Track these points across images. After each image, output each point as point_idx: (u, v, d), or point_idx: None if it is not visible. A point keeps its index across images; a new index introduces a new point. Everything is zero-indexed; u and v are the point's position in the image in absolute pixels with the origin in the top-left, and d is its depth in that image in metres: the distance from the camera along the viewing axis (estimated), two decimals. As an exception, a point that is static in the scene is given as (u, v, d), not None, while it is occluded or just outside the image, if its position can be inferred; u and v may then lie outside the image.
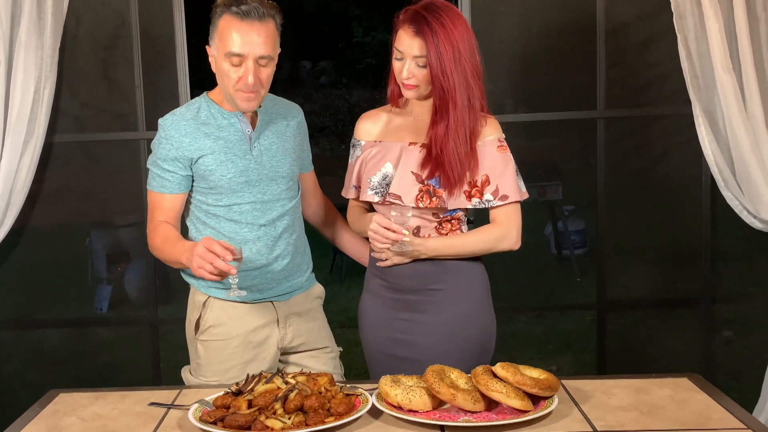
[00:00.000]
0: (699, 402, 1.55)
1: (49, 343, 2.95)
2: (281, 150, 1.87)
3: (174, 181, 1.82)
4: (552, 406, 1.48)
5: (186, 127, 1.80)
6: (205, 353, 1.88)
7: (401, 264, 1.83)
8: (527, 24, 2.82)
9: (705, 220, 2.80)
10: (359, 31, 10.84)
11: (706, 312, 2.86)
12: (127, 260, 3.14)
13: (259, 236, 1.84)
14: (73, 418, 1.58)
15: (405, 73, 1.76)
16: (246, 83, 1.73)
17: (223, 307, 1.87)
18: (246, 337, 1.86)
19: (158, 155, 1.82)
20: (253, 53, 1.72)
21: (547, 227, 3.54)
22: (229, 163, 1.80)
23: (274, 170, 1.85)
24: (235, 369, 1.85)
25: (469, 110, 1.77)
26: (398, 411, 1.48)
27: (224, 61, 1.74)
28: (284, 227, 1.88)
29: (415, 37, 1.72)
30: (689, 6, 2.55)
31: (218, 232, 1.84)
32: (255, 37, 1.71)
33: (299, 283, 1.93)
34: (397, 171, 1.82)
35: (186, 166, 1.81)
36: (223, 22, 1.73)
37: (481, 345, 1.88)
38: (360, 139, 1.93)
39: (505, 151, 1.85)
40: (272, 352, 1.89)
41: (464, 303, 1.86)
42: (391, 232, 1.71)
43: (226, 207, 1.82)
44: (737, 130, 2.52)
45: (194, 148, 1.79)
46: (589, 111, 2.80)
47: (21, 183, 2.61)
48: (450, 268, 1.85)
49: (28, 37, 2.53)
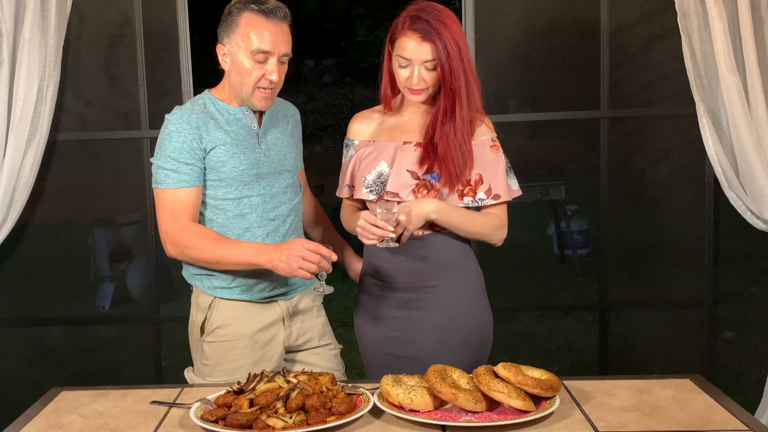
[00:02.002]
0: (701, 403, 1.55)
1: (51, 341, 2.96)
2: (285, 145, 1.91)
3: (193, 174, 1.78)
4: (553, 407, 1.48)
5: (197, 120, 1.79)
6: (213, 355, 1.86)
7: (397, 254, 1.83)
8: (531, 23, 2.81)
9: (708, 221, 2.79)
10: (362, 29, 10.84)
11: (708, 313, 2.85)
12: (129, 258, 3.14)
13: (268, 231, 1.84)
14: (75, 415, 1.58)
15: (415, 79, 1.78)
16: (270, 80, 1.76)
17: (229, 307, 1.86)
18: (253, 337, 1.86)
19: (170, 150, 1.77)
20: (279, 51, 1.75)
21: (550, 227, 3.53)
22: (241, 155, 1.80)
23: (281, 164, 1.87)
24: (244, 369, 1.85)
25: (469, 107, 1.81)
26: (399, 411, 1.48)
27: (248, 59, 1.75)
28: (291, 222, 1.90)
29: (423, 43, 1.74)
30: (693, 5, 2.54)
31: (225, 229, 1.83)
32: (281, 35, 1.75)
33: (303, 281, 1.93)
34: (393, 169, 1.84)
35: (201, 157, 1.79)
36: (246, 19, 1.74)
37: (479, 339, 1.88)
38: (353, 138, 1.95)
39: (498, 150, 1.88)
40: (278, 351, 1.89)
41: (459, 298, 1.87)
42: (378, 228, 1.73)
43: (236, 200, 1.82)
44: (741, 130, 2.52)
45: (207, 139, 1.79)
46: (593, 111, 2.79)
47: (24, 181, 2.62)
48: (444, 264, 1.86)
49: (32, 36, 2.53)
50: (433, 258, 1.85)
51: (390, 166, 1.85)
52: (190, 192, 1.79)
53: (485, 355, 1.89)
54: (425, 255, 1.85)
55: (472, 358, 1.83)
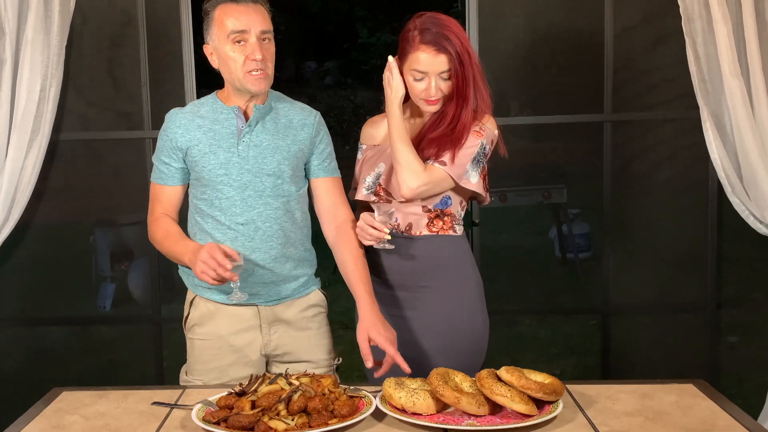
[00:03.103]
0: (704, 408, 1.55)
1: (52, 341, 2.96)
2: (272, 147, 1.81)
3: (169, 174, 1.85)
4: (556, 411, 1.47)
5: (181, 119, 1.83)
6: (192, 352, 1.89)
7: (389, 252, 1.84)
8: (534, 26, 2.81)
9: (711, 225, 2.79)
10: (364, 31, 10.84)
11: (711, 317, 2.84)
12: (130, 258, 3.14)
13: (236, 236, 1.80)
14: (76, 416, 1.58)
15: (433, 91, 1.81)
16: (254, 59, 1.74)
17: (207, 306, 1.86)
18: (227, 339, 1.85)
19: (158, 147, 1.88)
20: (255, 28, 1.75)
21: (552, 230, 3.53)
22: (212, 154, 1.80)
23: (258, 166, 1.80)
24: (216, 371, 1.84)
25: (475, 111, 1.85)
26: (402, 414, 1.47)
27: (227, 45, 1.76)
28: (266, 230, 1.81)
29: (438, 54, 1.78)
30: (697, 9, 2.53)
31: (203, 229, 1.83)
32: (254, 14, 1.76)
33: (289, 290, 1.87)
34: (387, 167, 1.89)
35: (179, 158, 1.84)
36: (219, 11, 1.77)
37: (471, 344, 1.88)
38: (362, 143, 2.01)
39: (479, 136, 1.85)
40: (254, 357, 1.86)
41: (455, 301, 1.87)
42: (374, 230, 1.76)
43: (209, 201, 1.82)
44: (745, 134, 2.51)
45: (185, 139, 1.82)
46: (597, 114, 2.79)
47: (26, 180, 2.61)
48: (439, 265, 1.87)
49: (35, 35, 2.53)
50: (429, 258, 1.87)
51: (386, 164, 1.90)
52: (166, 190, 1.87)
53: (478, 363, 1.88)
54: (421, 255, 1.87)
55: (463, 363, 1.78)
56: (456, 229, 1.91)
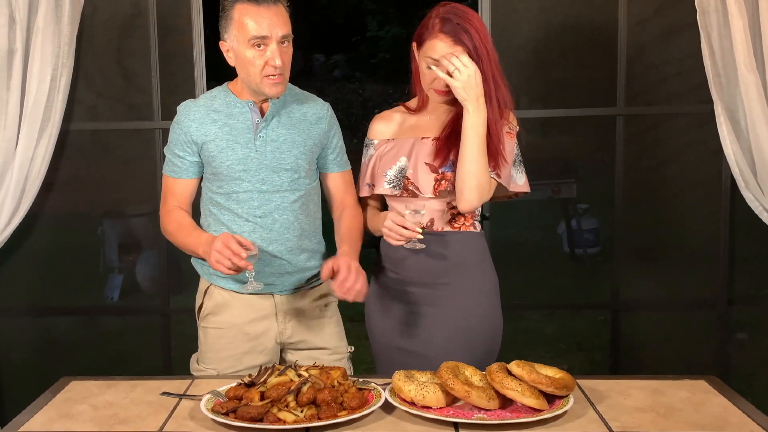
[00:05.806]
0: (716, 405, 1.53)
1: (61, 331, 2.97)
2: (288, 142, 1.84)
3: (182, 167, 1.85)
4: (567, 406, 1.46)
5: (196, 113, 1.82)
6: (205, 340, 1.90)
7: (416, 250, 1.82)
8: (547, 19, 2.79)
9: (723, 221, 2.76)
10: (373, 24, 10.80)
11: (721, 313, 2.82)
12: (138, 250, 3.14)
13: (254, 228, 1.82)
14: (85, 405, 1.58)
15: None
16: (274, 66, 1.73)
17: (222, 295, 1.87)
18: (242, 328, 1.86)
19: (170, 140, 1.86)
20: (276, 34, 1.73)
21: (561, 225, 3.51)
22: (230, 150, 1.80)
23: (276, 161, 1.82)
24: (231, 359, 1.86)
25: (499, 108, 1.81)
26: (411, 407, 1.47)
27: (248, 49, 1.73)
28: (284, 222, 1.84)
29: (455, 45, 1.75)
30: (713, 3, 2.51)
31: (219, 221, 1.84)
32: (274, 18, 1.72)
33: (303, 280, 1.89)
34: (411, 161, 1.85)
35: (194, 151, 1.83)
36: (238, 11, 1.73)
37: (487, 343, 1.88)
38: (373, 138, 1.95)
39: (512, 138, 1.86)
40: (270, 345, 1.88)
41: (472, 299, 1.86)
42: (406, 229, 1.73)
43: (226, 195, 1.82)
44: (759, 130, 2.49)
45: (200, 133, 1.81)
46: (609, 108, 2.76)
47: (36, 170, 2.62)
48: (460, 263, 1.86)
49: (46, 25, 2.53)
50: (451, 256, 1.85)
51: (408, 158, 1.86)
52: (179, 183, 1.86)
53: (491, 361, 1.86)
54: (443, 252, 1.85)
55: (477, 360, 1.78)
56: (476, 226, 1.89)
